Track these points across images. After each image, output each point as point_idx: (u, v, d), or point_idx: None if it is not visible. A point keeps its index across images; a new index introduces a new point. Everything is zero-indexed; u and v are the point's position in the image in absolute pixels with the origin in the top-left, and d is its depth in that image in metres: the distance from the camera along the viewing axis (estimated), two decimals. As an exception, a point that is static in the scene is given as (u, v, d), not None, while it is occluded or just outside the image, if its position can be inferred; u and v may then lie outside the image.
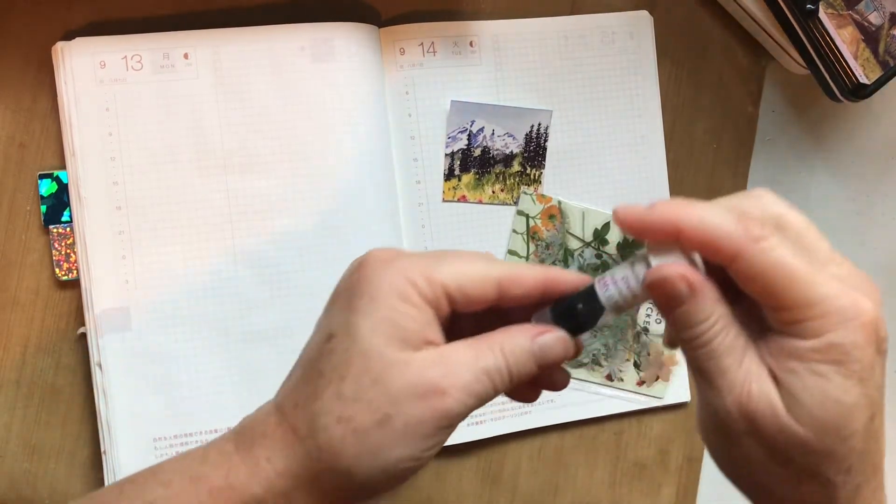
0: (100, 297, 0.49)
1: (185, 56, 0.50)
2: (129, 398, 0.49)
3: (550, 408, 0.55)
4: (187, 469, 0.34)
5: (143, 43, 0.50)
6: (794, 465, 0.31)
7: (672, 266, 0.31)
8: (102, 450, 0.49)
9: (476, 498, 0.55)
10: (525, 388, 0.37)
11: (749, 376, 0.31)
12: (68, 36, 0.49)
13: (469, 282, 0.34)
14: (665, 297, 0.32)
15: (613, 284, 0.33)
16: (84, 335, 0.49)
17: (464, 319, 0.35)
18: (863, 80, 0.53)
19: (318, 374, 0.33)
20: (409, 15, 0.54)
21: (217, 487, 0.33)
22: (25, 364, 0.50)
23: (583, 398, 0.55)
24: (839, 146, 0.61)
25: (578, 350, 0.36)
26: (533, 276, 0.35)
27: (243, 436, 0.34)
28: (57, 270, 0.50)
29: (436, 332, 0.33)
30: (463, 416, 0.33)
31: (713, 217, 0.31)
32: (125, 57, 0.50)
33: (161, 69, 0.50)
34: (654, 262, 0.32)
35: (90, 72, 0.49)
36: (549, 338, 0.34)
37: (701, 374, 0.32)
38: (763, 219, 0.31)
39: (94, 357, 0.49)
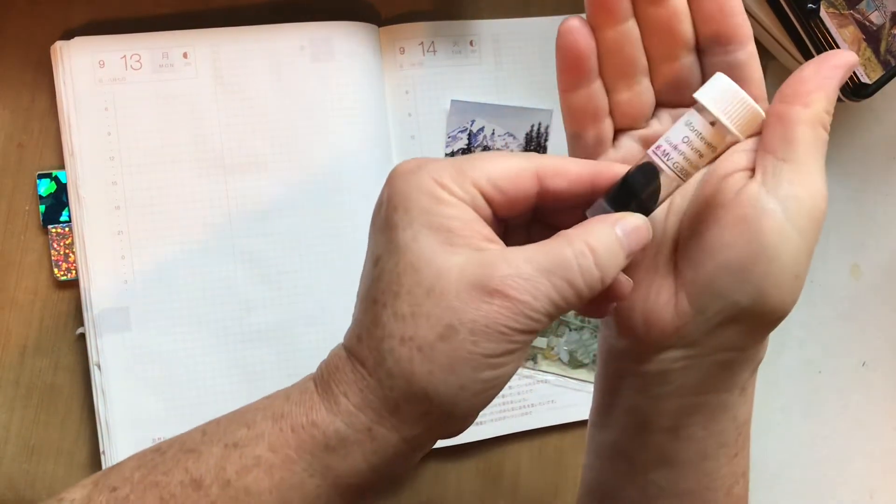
0: (99, 298, 0.49)
1: (185, 55, 0.50)
2: (128, 398, 0.49)
3: (551, 408, 0.55)
4: (270, 408, 0.32)
5: (143, 42, 0.50)
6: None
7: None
8: (101, 450, 0.49)
9: (476, 499, 0.55)
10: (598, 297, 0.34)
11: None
12: (67, 35, 0.49)
13: (503, 176, 0.31)
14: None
15: (675, 150, 0.31)
16: (83, 335, 0.49)
17: (515, 236, 0.33)
18: (864, 79, 0.53)
19: (373, 301, 0.31)
20: (409, 14, 0.54)
21: (300, 424, 0.31)
22: (24, 364, 0.49)
23: (583, 399, 0.55)
24: (840, 146, 0.61)
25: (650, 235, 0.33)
26: (577, 166, 0.32)
27: (322, 373, 0.33)
28: (56, 270, 0.49)
29: (486, 231, 0.31)
30: (544, 315, 0.30)
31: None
32: (124, 56, 0.50)
33: (160, 69, 0.50)
34: (715, 110, 0.30)
35: (89, 71, 0.49)
36: (632, 221, 0.31)
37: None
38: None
39: (92, 357, 0.49)
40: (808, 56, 0.54)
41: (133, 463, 0.33)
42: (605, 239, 0.30)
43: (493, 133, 0.54)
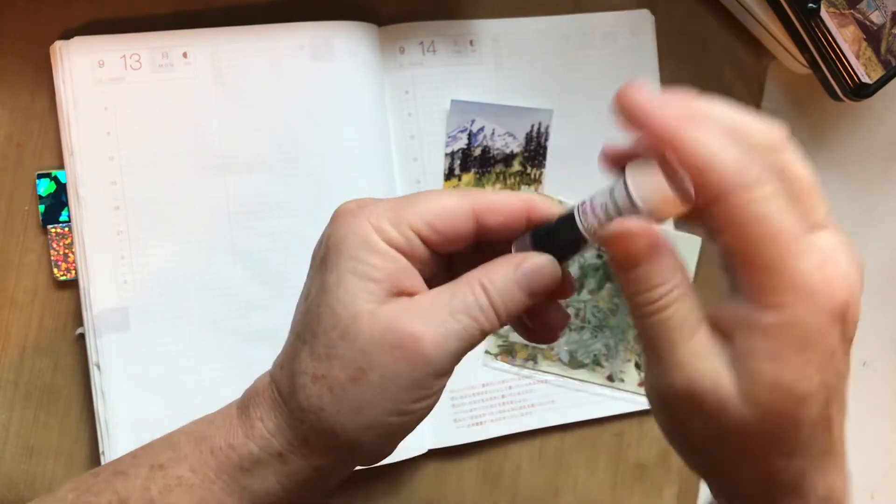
0: (98, 298, 0.49)
1: (184, 55, 0.50)
2: (128, 399, 0.49)
3: (551, 409, 0.55)
4: (194, 432, 0.34)
5: (142, 42, 0.50)
6: (737, 446, 0.29)
7: (635, 221, 0.29)
8: (101, 450, 0.49)
9: (476, 499, 0.55)
10: (533, 324, 0.35)
11: (697, 354, 0.28)
12: (67, 35, 0.49)
13: (439, 217, 0.32)
14: (622, 254, 0.29)
15: (592, 213, 0.31)
16: (82, 335, 0.49)
17: (459, 264, 0.34)
18: (864, 79, 0.53)
19: (296, 335, 0.33)
20: (409, 14, 0.54)
21: (218, 446, 0.33)
22: (23, 364, 0.49)
23: (583, 399, 0.55)
24: (841, 145, 0.61)
25: (568, 283, 0.33)
26: (511, 202, 0.33)
27: (244, 398, 0.35)
28: (55, 270, 0.49)
29: (412, 280, 0.32)
30: (448, 361, 0.31)
31: (711, 144, 0.27)
32: (124, 56, 0.50)
33: (160, 68, 0.50)
34: (633, 189, 0.29)
35: (89, 71, 0.49)
36: (533, 262, 0.32)
37: (649, 345, 0.29)
38: (766, 160, 0.27)
39: (92, 357, 0.49)
40: (808, 56, 0.54)
41: (70, 485, 0.35)
42: (501, 279, 0.31)
43: (493, 133, 0.54)
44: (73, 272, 0.49)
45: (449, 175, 0.54)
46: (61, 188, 0.49)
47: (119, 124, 0.49)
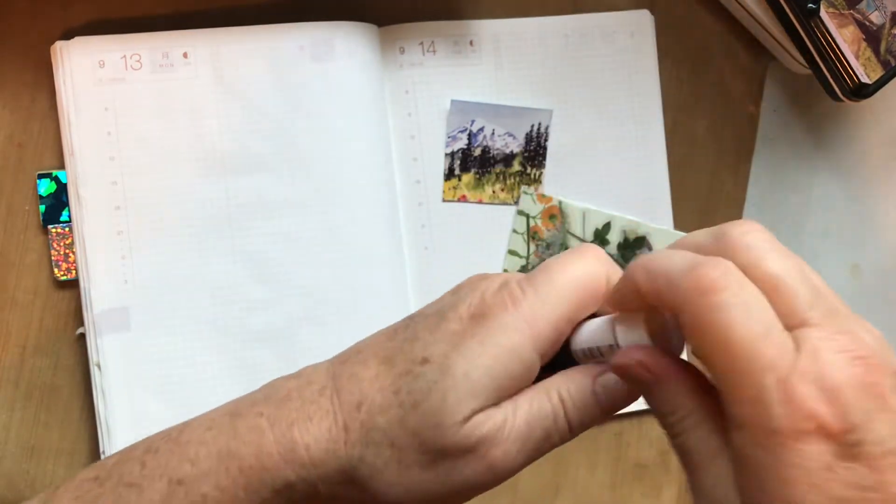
0: (99, 298, 0.49)
1: (185, 55, 0.50)
2: (128, 399, 0.49)
3: (551, 408, 0.55)
4: (214, 443, 0.32)
5: (143, 42, 0.50)
6: None
7: (630, 352, 0.28)
8: (101, 450, 0.49)
9: (476, 499, 0.55)
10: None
11: (715, 480, 0.26)
12: (67, 35, 0.49)
13: (572, 323, 0.31)
14: (629, 382, 0.29)
15: (583, 353, 0.32)
16: (83, 335, 0.49)
17: None
18: (864, 79, 0.53)
19: (396, 389, 0.31)
20: (409, 14, 0.54)
21: (248, 465, 0.31)
22: (24, 364, 0.49)
23: (583, 399, 0.55)
24: (840, 146, 0.61)
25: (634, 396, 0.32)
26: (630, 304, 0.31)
27: (282, 409, 0.32)
28: (56, 270, 0.49)
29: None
30: (513, 469, 0.32)
31: (661, 262, 0.27)
32: (124, 56, 0.50)
33: (160, 68, 0.50)
34: (620, 335, 0.30)
35: (89, 71, 0.49)
36: (612, 377, 0.31)
37: (679, 458, 0.28)
38: (729, 265, 0.25)
39: (92, 357, 0.49)
40: (808, 56, 0.54)
41: (70, 494, 0.33)
42: (578, 392, 0.32)
43: (492, 133, 0.54)
44: (74, 272, 0.49)
45: (449, 175, 0.54)
46: (62, 188, 0.49)
47: (119, 124, 0.49)
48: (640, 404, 0.31)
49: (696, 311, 0.25)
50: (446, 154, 0.54)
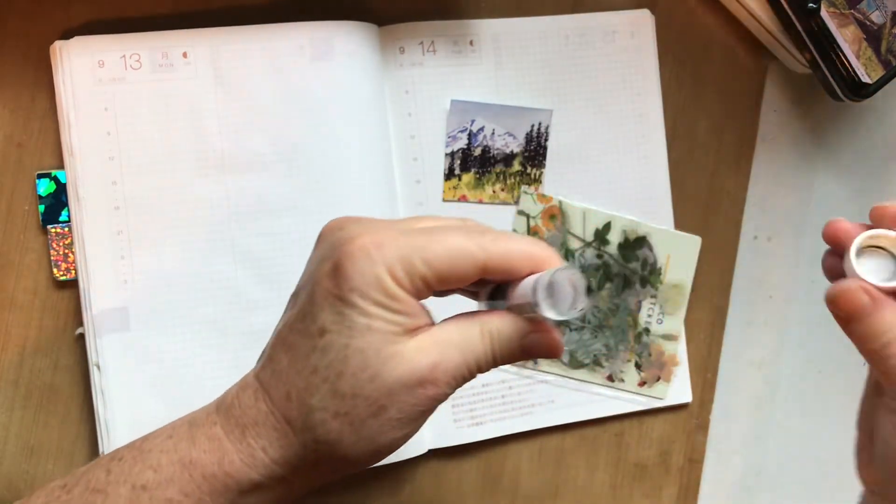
0: (98, 298, 0.49)
1: (184, 55, 0.50)
2: (128, 399, 0.49)
3: (551, 409, 0.55)
4: (175, 452, 0.34)
5: (142, 42, 0.50)
6: None
7: (850, 281, 0.34)
8: (101, 450, 0.49)
9: (476, 499, 0.55)
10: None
11: None
12: (67, 35, 0.49)
13: (449, 268, 0.33)
14: (848, 310, 0.34)
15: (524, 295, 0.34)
16: (82, 335, 0.49)
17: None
18: (865, 79, 0.53)
19: (312, 369, 0.33)
20: (409, 14, 0.54)
21: (211, 473, 0.34)
22: (23, 364, 0.49)
23: (583, 399, 0.55)
24: (841, 145, 0.61)
25: (559, 348, 0.36)
26: (519, 262, 0.34)
27: (230, 418, 0.35)
28: (55, 270, 0.49)
29: (423, 318, 0.34)
30: (452, 391, 0.35)
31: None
32: (124, 56, 0.50)
33: (160, 68, 0.50)
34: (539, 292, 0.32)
35: (89, 71, 0.49)
36: (538, 337, 0.35)
37: (885, 381, 0.34)
38: None
39: (92, 357, 0.49)
40: (808, 56, 0.54)
41: (41, 501, 0.35)
42: (507, 340, 0.35)
43: (493, 133, 0.54)
44: (73, 272, 0.49)
45: (449, 175, 0.54)
46: (61, 188, 0.49)
47: (119, 124, 0.49)
48: (640, 404, 0.31)
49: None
50: (446, 154, 0.54)
